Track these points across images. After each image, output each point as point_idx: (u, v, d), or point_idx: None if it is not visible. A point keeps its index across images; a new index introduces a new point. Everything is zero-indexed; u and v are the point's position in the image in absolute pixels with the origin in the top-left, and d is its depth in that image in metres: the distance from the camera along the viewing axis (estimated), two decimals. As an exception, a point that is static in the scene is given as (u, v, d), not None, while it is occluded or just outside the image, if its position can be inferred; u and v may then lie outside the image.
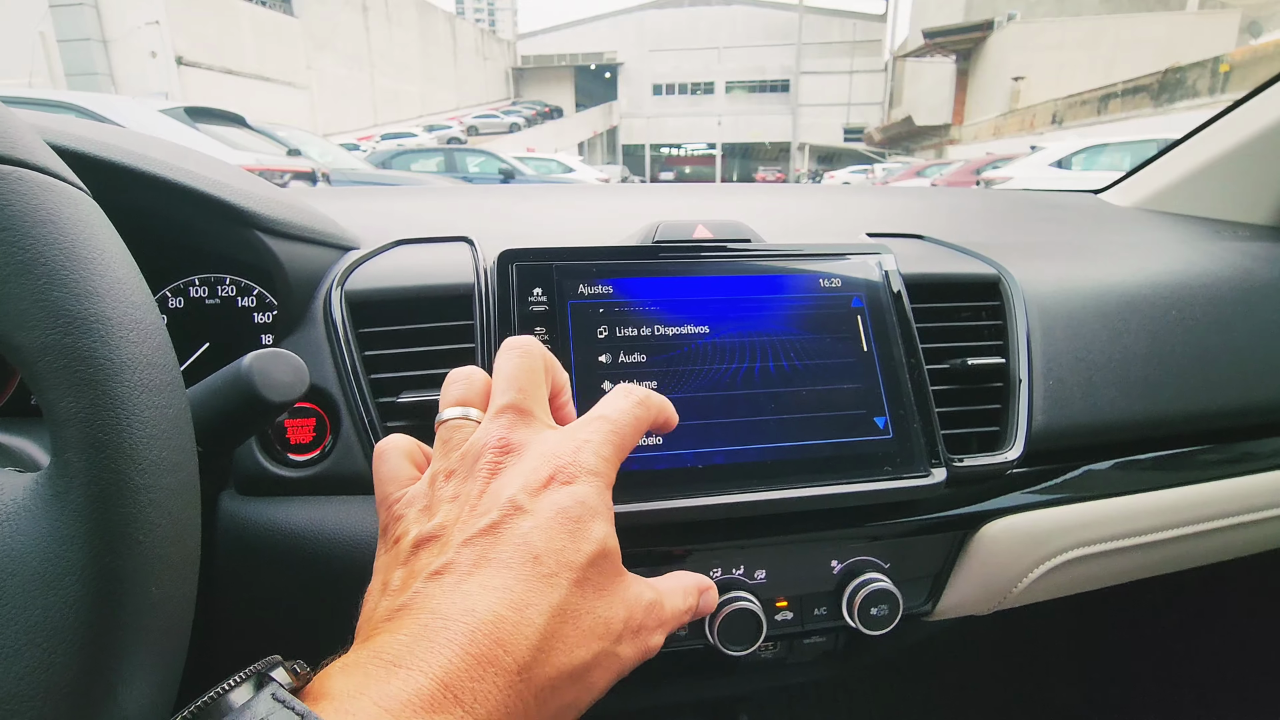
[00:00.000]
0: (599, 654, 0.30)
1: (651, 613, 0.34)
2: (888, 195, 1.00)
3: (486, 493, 0.32)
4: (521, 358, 0.36)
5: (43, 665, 0.23)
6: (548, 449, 0.33)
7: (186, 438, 0.28)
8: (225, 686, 0.26)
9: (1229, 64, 13.92)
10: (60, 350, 0.25)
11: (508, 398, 0.35)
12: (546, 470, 0.32)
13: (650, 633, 0.34)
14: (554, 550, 0.30)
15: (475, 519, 0.31)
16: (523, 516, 0.31)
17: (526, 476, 0.32)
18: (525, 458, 0.33)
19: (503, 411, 0.34)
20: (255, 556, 0.51)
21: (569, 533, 0.31)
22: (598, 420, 0.35)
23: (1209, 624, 1.00)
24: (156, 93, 10.06)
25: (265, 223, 0.51)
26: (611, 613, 0.32)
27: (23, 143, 0.27)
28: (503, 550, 0.30)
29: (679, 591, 0.37)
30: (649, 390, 0.38)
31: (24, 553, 0.24)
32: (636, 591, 0.34)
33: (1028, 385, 0.59)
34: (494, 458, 0.33)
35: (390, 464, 0.37)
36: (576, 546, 0.31)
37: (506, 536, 0.30)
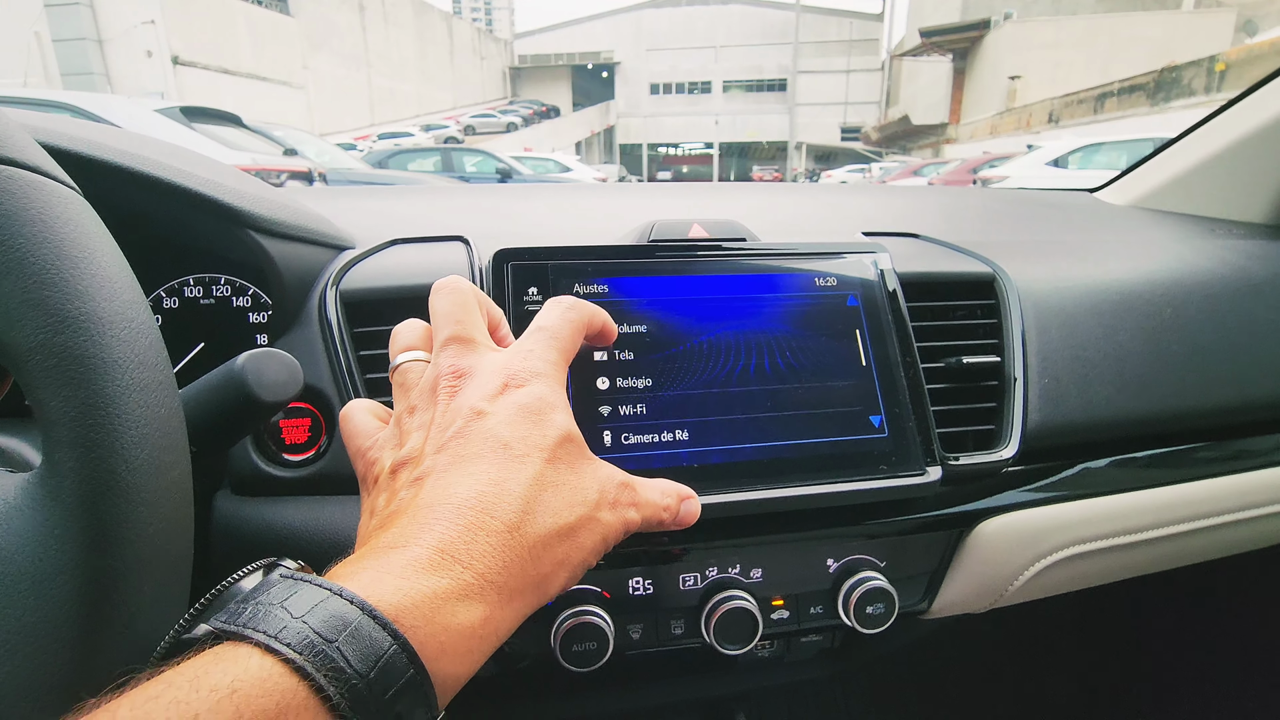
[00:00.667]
0: (581, 517, 0.33)
1: (625, 491, 0.36)
2: (883, 194, 1.00)
3: (449, 410, 0.34)
4: (453, 293, 0.39)
5: (34, 664, 0.23)
6: (496, 364, 0.36)
7: (179, 437, 0.28)
8: (234, 576, 0.28)
9: (1225, 63, 13.95)
10: (51, 349, 0.24)
11: (449, 330, 0.37)
12: (499, 379, 0.35)
13: (625, 508, 0.35)
14: (520, 437, 0.32)
15: (443, 433, 0.33)
16: (486, 418, 0.33)
17: (483, 388, 0.34)
18: (478, 375, 0.35)
19: (447, 343, 0.37)
20: (250, 556, 0.50)
21: (531, 422, 0.33)
22: (535, 332, 0.38)
23: (1204, 621, 1.00)
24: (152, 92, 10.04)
25: (259, 222, 0.51)
26: (586, 484, 0.34)
27: (12, 141, 0.27)
28: (473, 445, 0.32)
29: (655, 487, 0.38)
30: (575, 298, 0.41)
31: (14, 551, 0.24)
32: (608, 472, 0.36)
33: (1023, 383, 0.59)
34: (449, 383, 0.35)
35: (356, 420, 0.39)
36: (541, 432, 0.33)
37: (474, 435, 0.32)
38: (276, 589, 0.25)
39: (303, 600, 0.24)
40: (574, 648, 0.48)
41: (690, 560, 0.53)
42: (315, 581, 0.25)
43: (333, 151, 7.55)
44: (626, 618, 0.53)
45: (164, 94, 11.40)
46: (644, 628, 0.53)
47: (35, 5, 13.53)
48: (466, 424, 0.33)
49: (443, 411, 0.34)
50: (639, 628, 0.53)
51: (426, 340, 0.40)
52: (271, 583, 0.26)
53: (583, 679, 0.52)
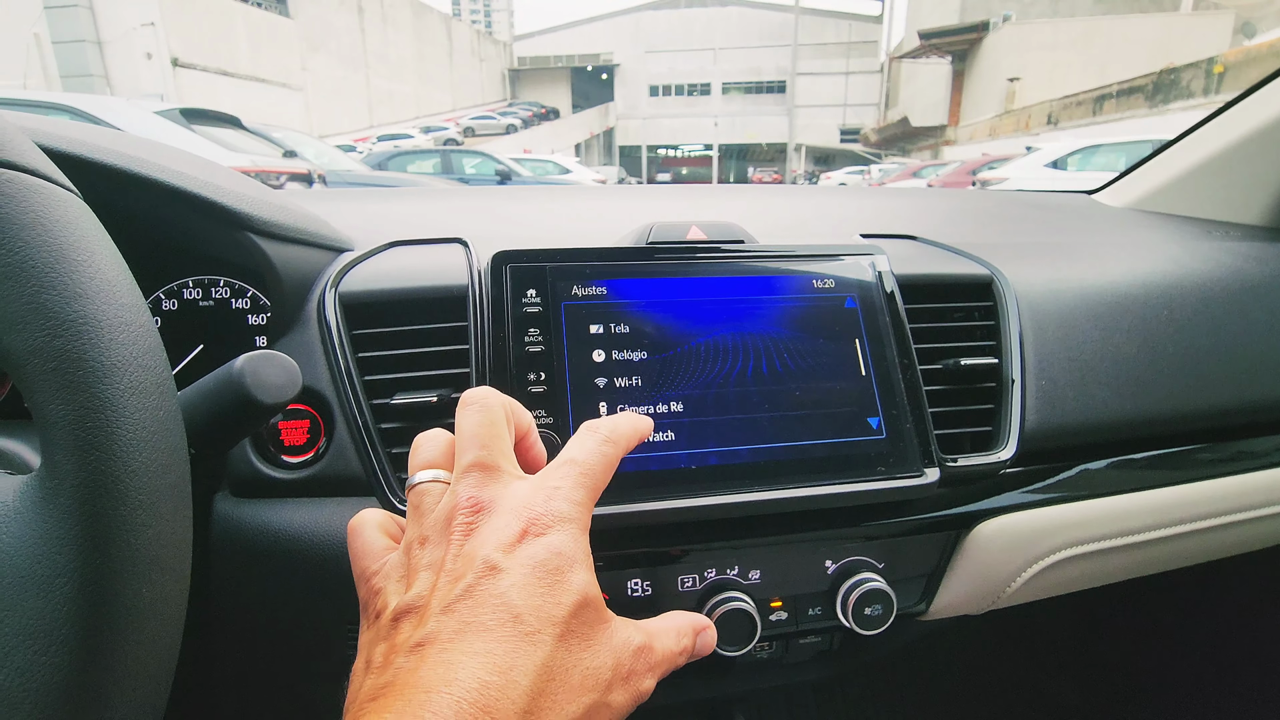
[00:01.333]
0: (590, 706, 0.30)
1: (641, 657, 0.33)
2: (881, 196, 1.01)
3: (461, 555, 0.31)
4: (480, 412, 0.36)
5: (34, 666, 0.23)
6: (518, 502, 0.33)
7: (177, 440, 0.28)
8: None
9: (1223, 65, 13.98)
10: (50, 353, 0.25)
11: (472, 455, 0.35)
12: (519, 524, 0.32)
13: (640, 677, 0.33)
14: (533, 607, 0.30)
15: (453, 585, 0.30)
16: (499, 576, 0.30)
17: (499, 533, 0.31)
18: (496, 514, 0.32)
19: (469, 470, 0.34)
20: (249, 558, 0.50)
21: (547, 586, 0.30)
22: (566, 465, 0.35)
23: (1202, 622, 1.00)
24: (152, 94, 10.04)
25: (258, 224, 0.51)
26: (599, 662, 0.31)
27: (11, 144, 0.27)
28: (482, 613, 0.29)
29: (671, 632, 0.36)
30: (614, 422, 0.38)
31: (14, 554, 0.24)
32: (624, 637, 0.33)
33: (1020, 385, 0.59)
34: (465, 519, 0.32)
35: (364, 538, 0.37)
36: (556, 599, 0.30)
37: (484, 598, 0.29)
38: None
39: None
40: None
41: (689, 562, 0.53)
42: None
43: (332, 153, 7.55)
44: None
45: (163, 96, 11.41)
46: (642, 629, 0.53)
47: (35, 7, 13.53)
48: (478, 580, 0.30)
49: (454, 555, 0.31)
50: (637, 629, 0.53)
51: (449, 457, 0.37)
52: None
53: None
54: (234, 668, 0.57)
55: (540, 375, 0.48)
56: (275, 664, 0.58)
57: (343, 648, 0.52)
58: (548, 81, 47.02)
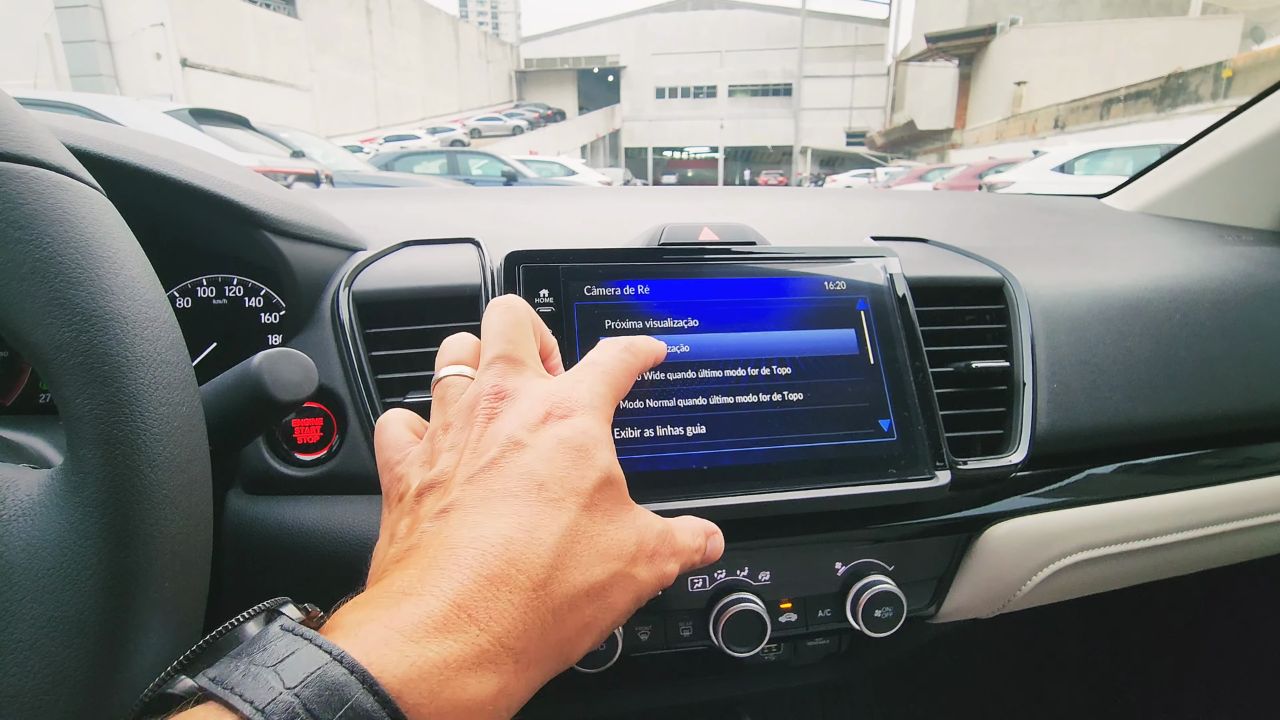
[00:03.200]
0: (615, 574, 0.30)
1: (665, 540, 0.34)
2: (891, 199, 1.01)
3: (485, 435, 0.32)
4: (508, 312, 0.37)
5: (60, 659, 0.23)
6: (542, 390, 0.34)
7: (199, 435, 0.29)
8: (236, 620, 0.26)
9: (1232, 69, 13.93)
10: (76, 347, 0.25)
11: (498, 348, 0.35)
12: (543, 407, 0.32)
13: (665, 559, 0.34)
14: (558, 477, 0.30)
15: (476, 459, 0.31)
16: (523, 450, 0.31)
17: (524, 415, 0.32)
18: (520, 399, 0.33)
19: (494, 361, 0.35)
20: (262, 555, 0.51)
21: (572, 460, 0.31)
22: (588, 365, 0.36)
23: (1212, 628, 1.00)
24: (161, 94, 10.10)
25: (274, 223, 0.51)
26: (623, 535, 0.32)
27: (38, 142, 0.27)
28: (506, 481, 0.30)
29: (688, 530, 0.37)
30: (632, 337, 0.40)
31: (40, 547, 0.24)
32: (647, 520, 0.34)
33: (1032, 388, 0.59)
34: (489, 404, 0.33)
35: (390, 432, 0.37)
36: (581, 473, 0.31)
37: (509, 469, 0.30)
38: (274, 646, 0.23)
39: (299, 664, 0.22)
40: (583, 649, 0.48)
41: (699, 562, 0.53)
42: (316, 641, 0.23)
43: (339, 154, 7.59)
44: (635, 619, 0.53)
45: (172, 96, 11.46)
46: (652, 629, 0.53)
47: (46, 7, 13.64)
48: (502, 454, 0.30)
49: (479, 435, 0.32)
50: (647, 629, 0.53)
51: (475, 356, 0.38)
52: (270, 637, 0.24)
53: (589, 680, 0.52)
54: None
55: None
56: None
57: None
58: (554, 83, 47.13)
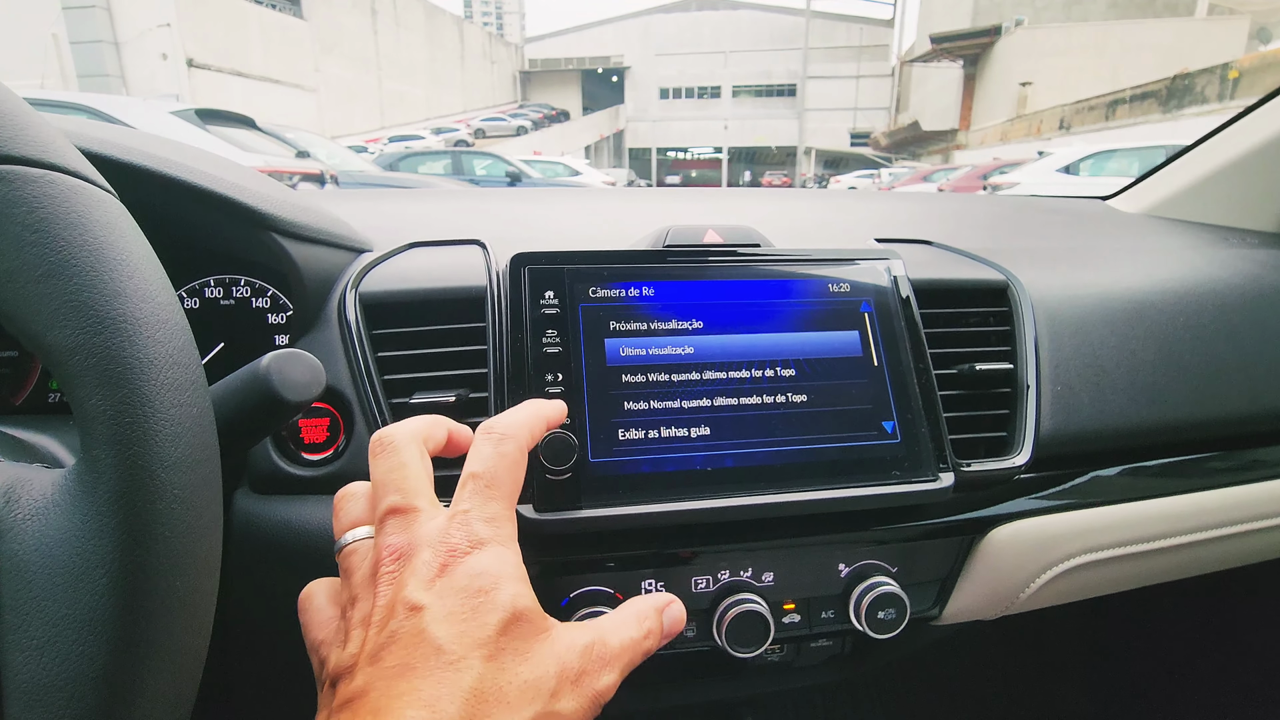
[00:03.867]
0: (534, 716, 0.29)
1: (590, 654, 0.32)
2: (895, 201, 1.01)
3: (386, 604, 0.31)
4: (386, 455, 0.36)
5: (73, 656, 0.23)
6: (434, 536, 0.32)
7: (210, 435, 0.29)
8: None
9: (1238, 70, 13.88)
10: (90, 350, 0.25)
11: (387, 502, 0.34)
12: (438, 558, 0.31)
13: (594, 676, 0.32)
14: (455, 635, 0.29)
15: (379, 634, 0.30)
16: (421, 614, 0.29)
17: (420, 573, 0.31)
18: (418, 555, 0.31)
19: (384, 518, 0.33)
20: (268, 554, 0.51)
21: (471, 610, 0.30)
22: (469, 481, 0.34)
23: (1215, 631, 0.99)
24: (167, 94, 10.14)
25: (282, 225, 0.51)
26: (540, 672, 0.30)
27: (53, 146, 0.27)
28: (405, 654, 0.28)
29: (630, 620, 0.35)
30: (509, 418, 0.38)
31: (54, 546, 0.24)
32: (568, 641, 0.32)
33: (1035, 391, 0.59)
34: (388, 568, 0.32)
35: (312, 607, 0.36)
36: (481, 620, 0.30)
37: (406, 639, 0.29)
38: None
39: None
40: (586, 649, 0.49)
41: (702, 563, 0.53)
42: None
43: (344, 154, 7.61)
44: (639, 620, 0.53)
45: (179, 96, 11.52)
46: (656, 630, 0.53)
47: (53, 8, 13.71)
48: (401, 624, 0.29)
49: (382, 605, 0.30)
50: (651, 630, 0.53)
51: (370, 510, 0.36)
52: None
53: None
54: (250, 663, 0.57)
55: (558, 376, 0.48)
56: (291, 660, 0.59)
57: None
58: (558, 84, 47.19)
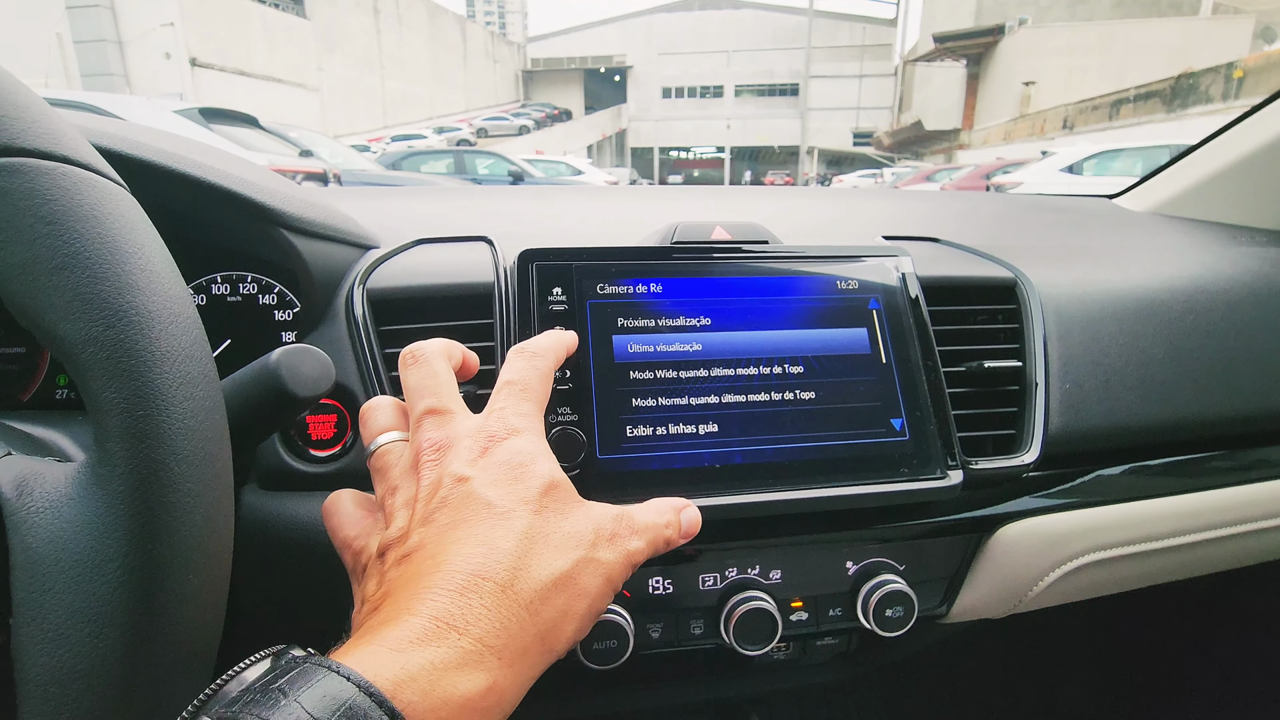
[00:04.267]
0: (578, 561, 0.32)
1: (621, 521, 0.36)
2: (902, 198, 1.00)
3: (432, 482, 0.34)
4: (419, 364, 0.39)
5: (85, 648, 0.23)
6: (473, 428, 0.36)
7: (221, 429, 0.29)
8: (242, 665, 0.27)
9: (1243, 69, 13.84)
10: (103, 342, 0.25)
11: (424, 404, 0.37)
12: (479, 443, 0.35)
13: (625, 539, 0.35)
14: (503, 494, 0.33)
15: (428, 505, 0.33)
16: (469, 482, 0.33)
17: (463, 455, 0.34)
18: (457, 444, 0.35)
19: (423, 418, 0.37)
20: (276, 550, 0.51)
21: (514, 477, 0.33)
22: (504, 387, 0.39)
23: (1222, 630, 0.99)
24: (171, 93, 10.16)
25: (291, 220, 0.51)
26: (578, 526, 0.34)
27: (66, 139, 0.27)
28: (458, 511, 0.32)
29: (650, 509, 0.39)
30: (536, 340, 0.42)
31: (68, 539, 0.24)
32: (601, 509, 0.36)
33: (1044, 388, 0.59)
34: (430, 457, 0.35)
35: (341, 512, 0.39)
36: (525, 485, 0.33)
37: (458, 501, 0.32)
38: (275, 673, 0.25)
39: (299, 681, 0.24)
40: (595, 645, 0.49)
41: (710, 560, 0.53)
42: (314, 661, 0.25)
43: (346, 153, 7.61)
44: (646, 617, 0.53)
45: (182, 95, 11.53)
46: (664, 627, 0.53)
47: (57, 7, 13.74)
48: (450, 490, 0.33)
49: (426, 484, 0.34)
50: (659, 627, 0.53)
51: (400, 418, 0.40)
52: (272, 668, 0.26)
53: (599, 677, 0.52)
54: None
55: (566, 373, 0.48)
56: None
57: None
58: (561, 83, 47.19)
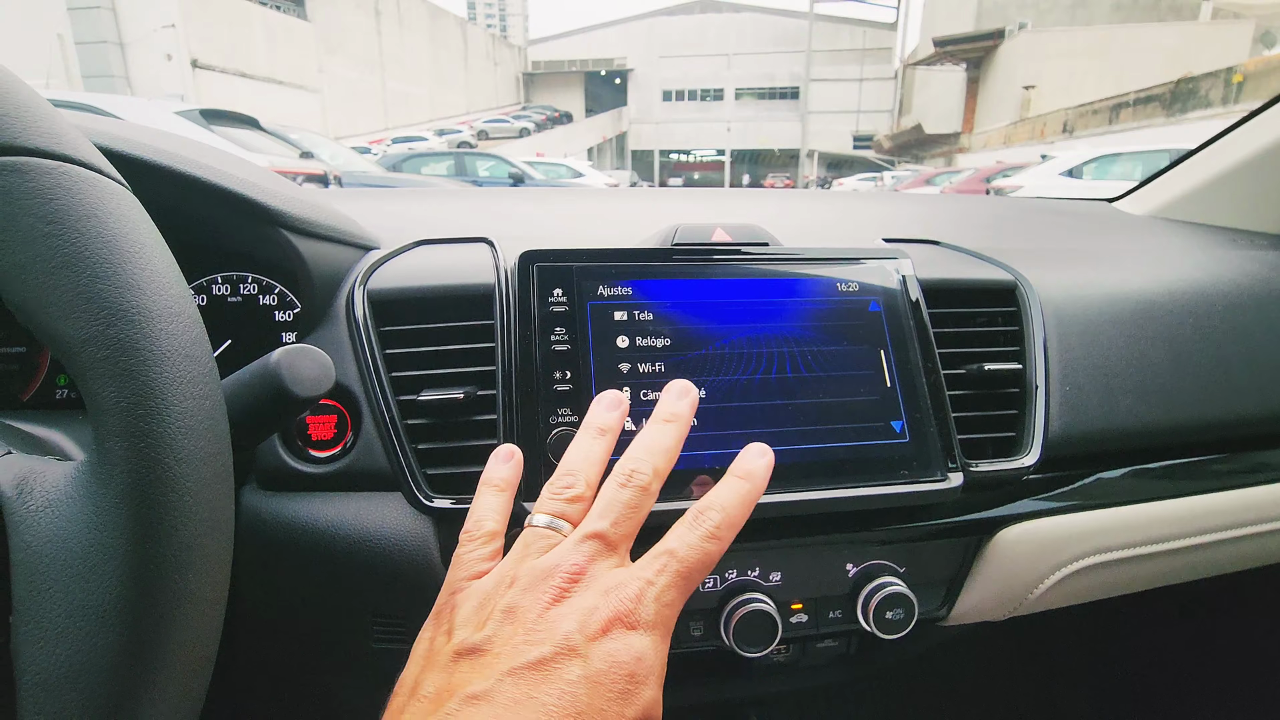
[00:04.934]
0: None
1: None
2: (902, 201, 1.01)
3: (543, 619, 0.31)
4: (635, 490, 0.36)
5: (85, 648, 0.23)
6: (613, 585, 0.32)
7: (222, 429, 0.29)
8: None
9: (1242, 74, 13.87)
10: (103, 341, 0.25)
11: (601, 525, 0.34)
12: (607, 613, 0.31)
13: None
14: (597, 709, 0.29)
15: (526, 649, 0.30)
16: (574, 661, 0.29)
17: (587, 615, 0.31)
18: (592, 590, 0.32)
19: (590, 538, 0.34)
20: (275, 550, 0.51)
21: (617, 693, 0.30)
22: (664, 557, 0.34)
23: (1222, 633, 0.99)
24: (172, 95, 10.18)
25: (292, 221, 0.51)
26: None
27: (68, 138, 0.27)
28: (547, 693, 0.28)
29: None
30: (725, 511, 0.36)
31: (67, 538, 0.24)
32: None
33: (1044, 391, 0.59)
34: (564, 581, 0.32)
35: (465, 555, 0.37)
36: (620, 709, 0.29)
37: (554, 679, 0.29)
38: None
39: None
40: (594, 647, 0.49)
41: (710, 562, 0.53)
42: None
43: (347, 155, 7.62)
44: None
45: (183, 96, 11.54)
46: (663, 629, 0.53)
47: (59, 8, 13.77)
48: (553, 657, 0.29)
49: (538, 615, 0.31)
50: (658, 629, 0.53)
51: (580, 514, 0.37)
52: None
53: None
54: (254, 657, 0.57)
55: (566, 374, 0.48)
56: (294, 654, 0.59)
57: (362, 640, 0.53)
58: (561, 86, 47.28)
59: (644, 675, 0.30)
